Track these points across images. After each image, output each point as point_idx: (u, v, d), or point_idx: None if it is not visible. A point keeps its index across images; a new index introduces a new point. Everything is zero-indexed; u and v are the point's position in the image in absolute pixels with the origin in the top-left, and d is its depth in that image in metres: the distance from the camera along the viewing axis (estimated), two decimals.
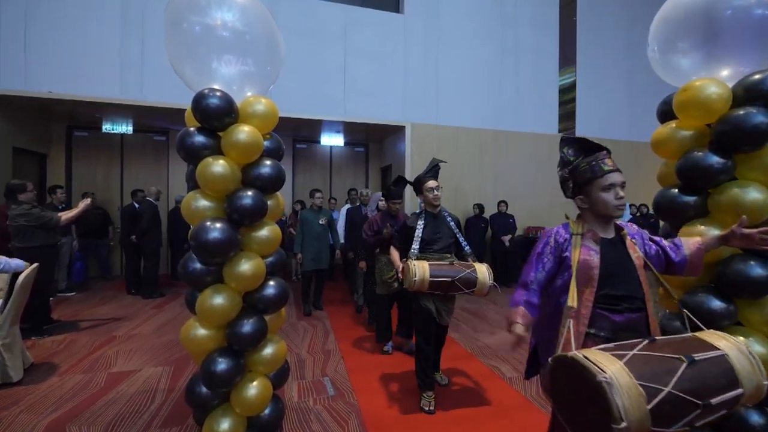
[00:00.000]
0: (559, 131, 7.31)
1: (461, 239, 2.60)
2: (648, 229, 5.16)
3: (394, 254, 2.67)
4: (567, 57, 7.32)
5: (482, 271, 2.34)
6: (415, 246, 2.47)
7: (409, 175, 6.28)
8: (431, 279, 2.25)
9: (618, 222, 1.46)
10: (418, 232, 2.50)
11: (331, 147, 8.04)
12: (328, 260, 4.66)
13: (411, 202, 6.14)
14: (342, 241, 5.07)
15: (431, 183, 2.56)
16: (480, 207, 6.33)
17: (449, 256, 2.56)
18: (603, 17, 7.57)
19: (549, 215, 6.98)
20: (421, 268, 2.27)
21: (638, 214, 6.40)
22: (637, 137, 7.77)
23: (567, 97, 7.37)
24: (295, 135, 7.55)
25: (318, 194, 4.63)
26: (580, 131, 7.38)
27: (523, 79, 7.06)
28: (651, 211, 6.54)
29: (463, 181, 6.61)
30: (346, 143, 7.90)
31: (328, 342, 3.67)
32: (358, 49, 6.12)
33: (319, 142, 7.76)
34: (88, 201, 3.50)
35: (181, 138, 1.81)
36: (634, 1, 7.79)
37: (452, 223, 2.61)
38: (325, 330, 4.02)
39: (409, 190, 6.04)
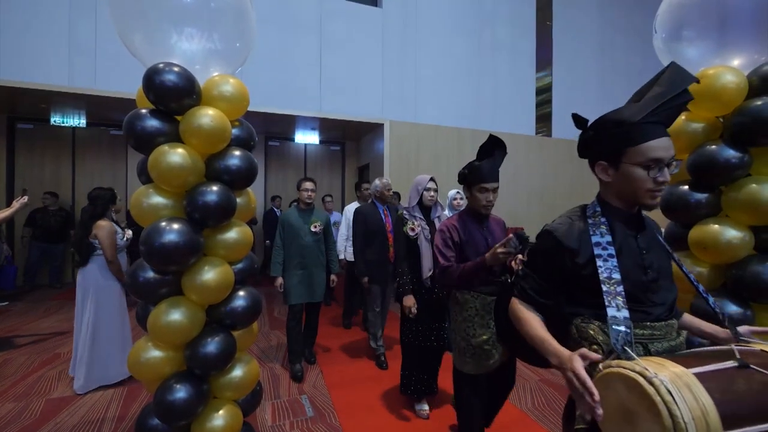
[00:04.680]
0: (536, 132, 7.33)
1: (696, 284, 1.02)
2: None
3: (533, 326, 0.98)
4: (543, 58, 7.37)
5: None
6: (619, 303, 0.87)
7: (388, 174, 6.07)
8: None
9: None
10: (610, 268, 0.91)
11: (305, 145, 7.71)
12: (324, 288, 3.04)
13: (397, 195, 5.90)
14: (343, 256, 3.80)
15: (662, 144, 0.90)
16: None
17: (675, 324, 0.98)
18: (578, 21, 7.68)
19: (527, 216, 6.97)
20: (688, 398, 0.69)
21: None
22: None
23: (543, 98, 7.41)
24: (267, 131, 7.17)
25: (308, 184, 2.95)
26: (556, 133, 7.45)
27: (500, 78, 7.03)
28: None
29: (443, 182, 6.46)
30: (321, 141, 7.60)
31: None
32: (333, 41, 5.86)
33: (293, 139, 7.41)
34: (24, 199, 3.04)
35: (129, 121, 1.50)
36: (608, 5, 7.96)
37: (662, 241, 1.06)
38: None
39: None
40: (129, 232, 2.96)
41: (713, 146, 1.57)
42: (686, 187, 1.68)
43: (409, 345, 2.36)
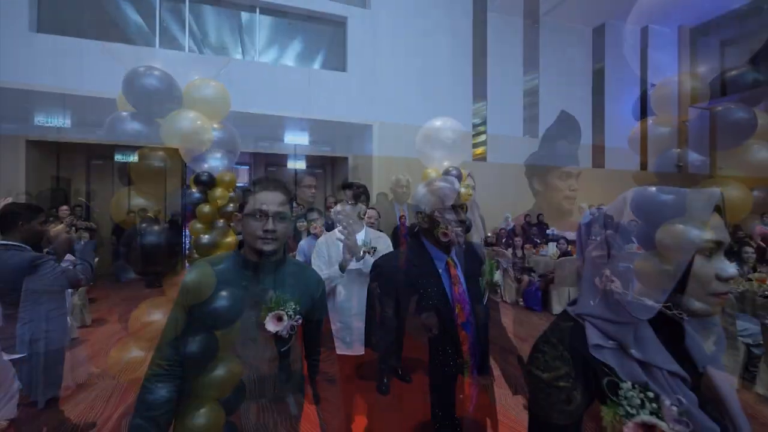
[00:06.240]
0: (524, 134, 7.46)
1: None
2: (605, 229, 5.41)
3: None
4: (531, 61, 7.49)
5: None
6: None
7: (377, 176, 6.11)
8: None
9: None
10: None
11: (295, 146, 7.72)
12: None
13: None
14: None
15: None
16: None
17: None
18: (565, 24, 7.83)
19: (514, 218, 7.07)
20: None
21: (596, 214, 6.67)
22: (598, 141, 8.10)
23: (530, 100, 7.54)
24: (257, 133, 7.18)
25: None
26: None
27: (489, 80, 7.13)
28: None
29: None
30: (311, 142, 7.63)
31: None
32: (322, 43, 5.89)
33: (282, 140, 7.43)
34: (8, 200, 3.02)
35: (110, 125, 1.52)
36: (594, 6, 8.12)
37: None
38: None
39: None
40: (86, 235, 2.88)
41: (678, 150, 1.64)
42: (653, 189, 1.75)
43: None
